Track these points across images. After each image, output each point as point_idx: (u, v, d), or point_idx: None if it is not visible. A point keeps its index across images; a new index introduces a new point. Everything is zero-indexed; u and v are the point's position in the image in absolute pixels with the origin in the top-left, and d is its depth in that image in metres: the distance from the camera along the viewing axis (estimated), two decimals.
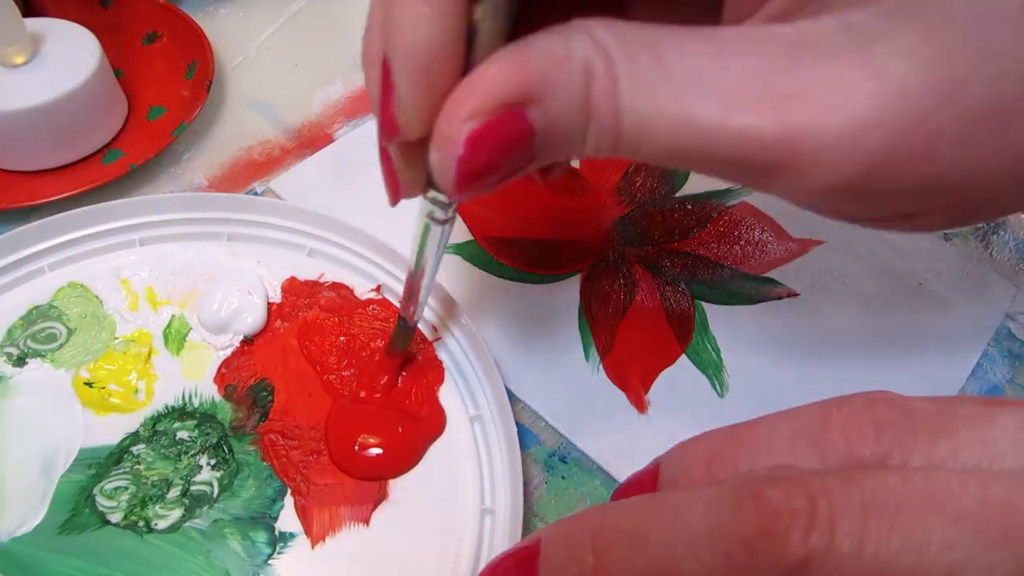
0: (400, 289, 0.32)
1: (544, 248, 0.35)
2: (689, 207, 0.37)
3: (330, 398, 0.30)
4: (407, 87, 0.19)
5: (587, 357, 0.32)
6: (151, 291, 0.32)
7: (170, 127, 0.38)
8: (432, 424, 0.29)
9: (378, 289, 0.33)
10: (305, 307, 0.32)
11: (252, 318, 0.31)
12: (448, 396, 0.30)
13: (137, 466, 0.28)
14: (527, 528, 0.28)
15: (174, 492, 0.27)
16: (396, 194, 0.23)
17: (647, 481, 0.21)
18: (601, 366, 0.32)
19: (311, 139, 0.40)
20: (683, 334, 0.33)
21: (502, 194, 0.37)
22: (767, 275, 0.35)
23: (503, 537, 0.26)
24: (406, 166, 0.22)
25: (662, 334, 0.33)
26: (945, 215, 0.21)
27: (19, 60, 0.35)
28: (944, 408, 0.17)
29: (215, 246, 0.34)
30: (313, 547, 0.27)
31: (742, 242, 0.36)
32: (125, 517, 0.27)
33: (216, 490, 0.28)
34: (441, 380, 0.30)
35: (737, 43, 0.19)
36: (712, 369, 0.32)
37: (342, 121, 0.41)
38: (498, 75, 0.18)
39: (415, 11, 0.18)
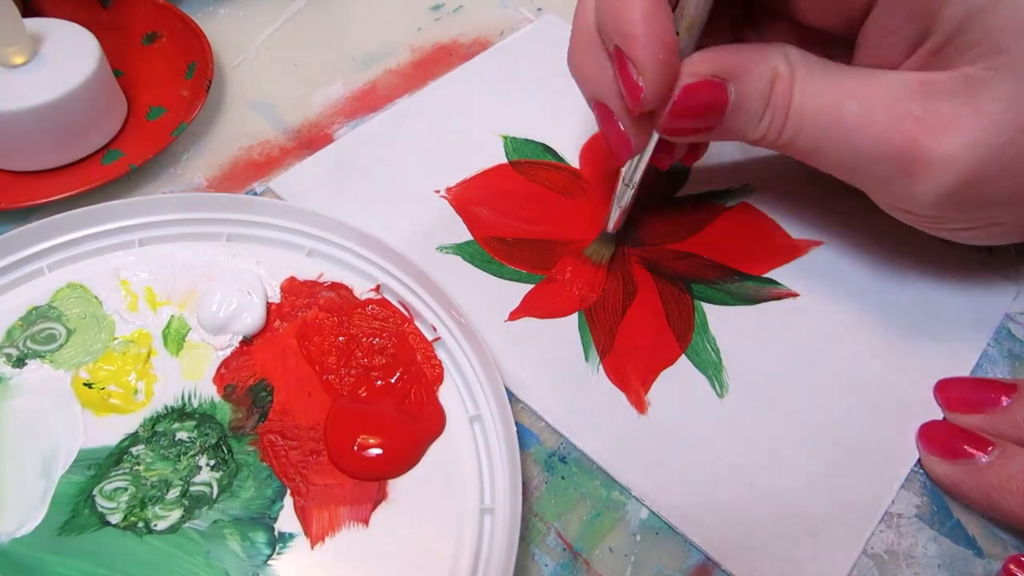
0: (399, 289, 0.32)
1: (544, 248, 0.35)
2: (688, 208, 0.37)
3: (329, 398, 0.30)
4: (651, 65, 0.26)
5: (586, 358, 0.32)
6: (150, 291, 0.32)
7: (170, 127, 0.38)
8: (432, 424, 0.29)
9: (377, 289, 0.33)
10: (304, 307, 0.32)
11: (251, 318, 0.31)
12: (448, 396, 0.30)
13: (136, 467, 0.28)
14: (527, 528, 0.28)
15: (173, 493, 0.27)
16: (628, 153, 0.30)
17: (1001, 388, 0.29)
18: (601, 366, 0.32)
19: (311, 139, 0.40)
20: (683, 334, 0.33)
21: (502, 194, 0.37)
22: (767, 275, 0.35)
23: (503, 536, 0.26)
24: (633, 125, 0.29)
25: (662, 334, 0.33)
26: (1019, 224, 0.29)
27: (19, 60, 0.35)
28: None
29: (214, 246, 0.34)
30: (312, 547, 0.27)
31: (742, 242, 0.36)
32: (125, 518, 0.27)
33: (215, 491, 0.28)
34: (440, 380, 0.30)
35: (884, 77, 0.27)
36: (712, 369, 0.32)
37: (342, 121, 0.41)
38: (716, 56, 0.27)
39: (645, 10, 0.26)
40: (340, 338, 0.31)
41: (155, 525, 0.27)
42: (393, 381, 0.30)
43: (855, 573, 0.27)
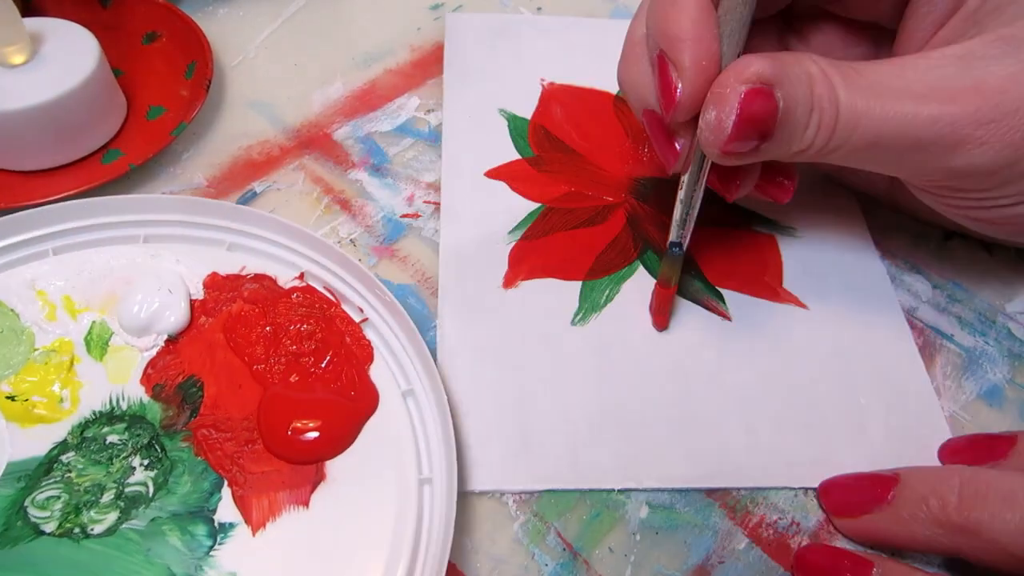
0: (325, 276, 0.32)
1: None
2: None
3: (261, 388, 0.30)
4: (692, 69, 0.26)
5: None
6: (68, 299, 0.32)
7: (169, 127, 0.38)
8: (365, 402, 0.30)
9: (301, 277, 0.33)
10: (228, 301, 0.32)
11: (175, 316, 0.31)
12: (379, 374, 0.30)
13: (68, 474, 0.28)
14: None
15: (108, 496, 0.27)
16: (675, 160, 0.29)
17: (1000, 447, 0.28)
18: None
19: (310, 139, 0.40)
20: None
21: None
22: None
23: (442, 505, 0.27)
24: (680, 128, 0.29)
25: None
26: None
27: (18, 60, 0.35)
28: None
29: (132, 248, 0.33)
30: (254, 534, 0.27)
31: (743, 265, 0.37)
32: (60, 525, 0.27)
33: (151, 489, 0.27)
34: (371, 359, 0.31)
35: (922, 60, 0.27)
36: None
37: (341, 121, 0.41)
38: (756, 61, 0.26)
39: (689, 14, 0.26)
40: (267, 328, 0.31)
41: (91, 529, 0.26)
42: (323, 365, 0.30)
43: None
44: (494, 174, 0.38)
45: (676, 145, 0.29)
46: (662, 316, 0.33)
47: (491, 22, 0.46)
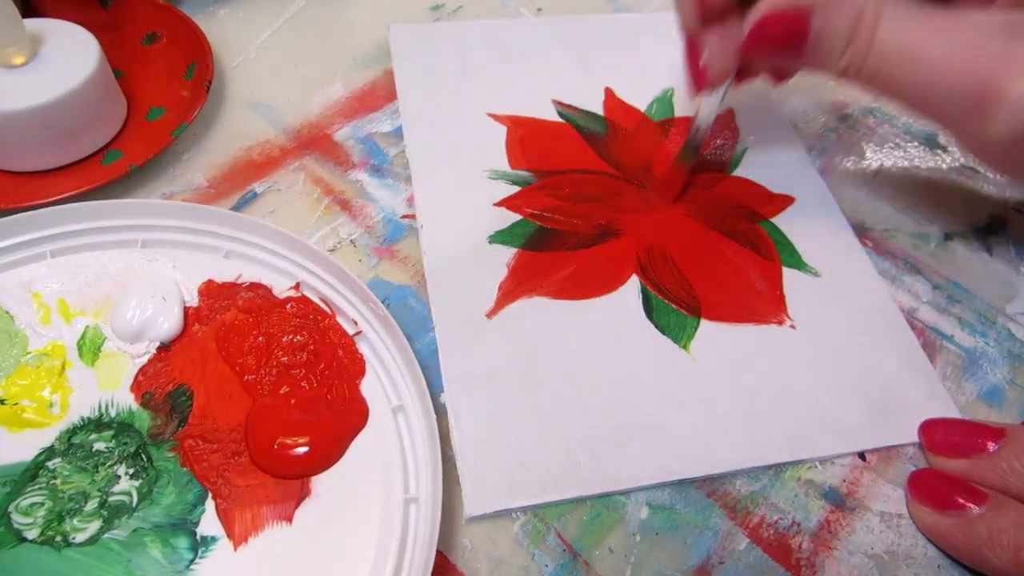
0: (321, 287, 0.32)
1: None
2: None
3: (250, 399, 0.29)
4: None
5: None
6: (63, 303, 0.31)
7: (169, 127, 0.38)
8: (355, 417, 0.29)
9: (297, 287, 0.32)
10: (223, 309, 0.32)
11: (168, 324, 0.31)
12: (370, 389, 0.30)
13: (53, 481, 0.27)
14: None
15: (91, 504, 0.27)
16: (703, 81, 0.32)
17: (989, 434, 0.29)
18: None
19: (310, 139, 0.40)
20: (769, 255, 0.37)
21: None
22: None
23: (427, 525, 0.26)
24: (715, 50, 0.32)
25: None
26: None
27: (18, 61, 0.35)
28: None
29: (129, 253, 0.33)
30: (236, 549, 0.26)
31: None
32: (42, 533, 0.26)
33: (135, 499, 0.27)
34: (363, 373, 0.30)
35: (972, 17, 0.28)
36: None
37: (341, 121, 0.41)
38: None
39: None
40: (259, 338, 0.31)
41: (73, 538, 0.26)
42: (315, 377, 0.30)
43: (855, 573, 0.27)
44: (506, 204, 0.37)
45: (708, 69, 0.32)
46: (671, 188, 0.37)
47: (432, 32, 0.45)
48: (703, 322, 0.34)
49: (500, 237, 0.36)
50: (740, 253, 0.36)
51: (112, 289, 0.32)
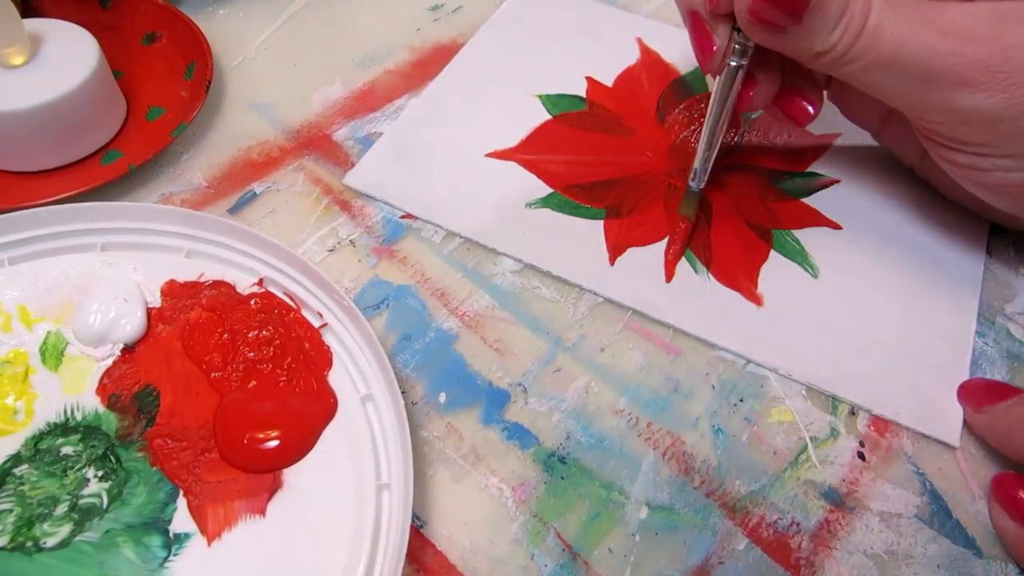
0: (284, 281, 0.32)
1: (618, 185, 0.38)
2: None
3: (218, 395, 0.29)
4: None
5: (696, 271, 0.35)
6: (23, 309, 0.31)
7: (169, 128, 0.38)
8: (324, 408, 0.29)
9: (260, 283, 0.32)
10: (186, 308, 0.32)
11: (131, 325, 0.31)
12: (338, 379, 0.30)
13: (21, 487, 0.27)
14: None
15: (61, 508, 0.27)
16: (709, 53, 0.32)
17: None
18: (710, 275, 0.35)
19: (310, 139, 0.40)
20: (764, 233, 0.36)
21: (559, 147, 0.40)
22: (809, 170, 0.39)
23: (400, 510, 0.27)
24: (717, 23, 0.31)
25: (748, 237, 0.36)
26: None
27: (18, 61, 0.35)
28: None
29: (88, 257, 0.33)
30: (210, 544, 0.26)
31: (778, 145, 0.40)
32: (12, 539, 0.26)
33: (105, 501, 0.27)
34: (330, 364, 0.30)
35: (958, 5, 0.28)
36: (799, 257, 0.36)
37: (341, 122, 0.41)
38: None
39: None
40: (224, 335, 0.31)
41: (44, 543, 0.26)
42: (282, 371, 0.30)
43: (855, 573, 0.28)
44: (618, 252, 0.36)
45: (713, 45, 0.31)
46: (676, 249, 0.35)
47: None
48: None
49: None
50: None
51: (73, 293, 0.32)
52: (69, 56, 0.36)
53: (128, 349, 0.31)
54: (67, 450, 0.28)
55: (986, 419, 0.30)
